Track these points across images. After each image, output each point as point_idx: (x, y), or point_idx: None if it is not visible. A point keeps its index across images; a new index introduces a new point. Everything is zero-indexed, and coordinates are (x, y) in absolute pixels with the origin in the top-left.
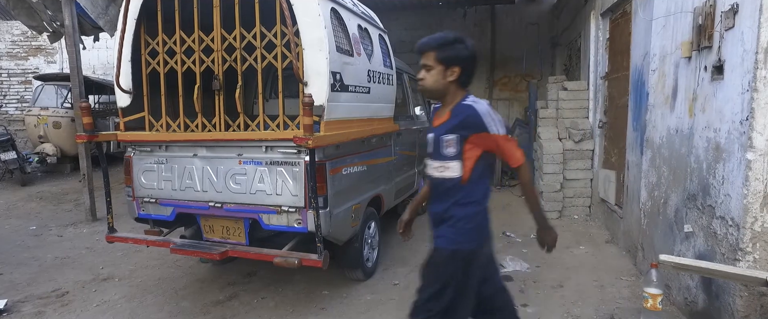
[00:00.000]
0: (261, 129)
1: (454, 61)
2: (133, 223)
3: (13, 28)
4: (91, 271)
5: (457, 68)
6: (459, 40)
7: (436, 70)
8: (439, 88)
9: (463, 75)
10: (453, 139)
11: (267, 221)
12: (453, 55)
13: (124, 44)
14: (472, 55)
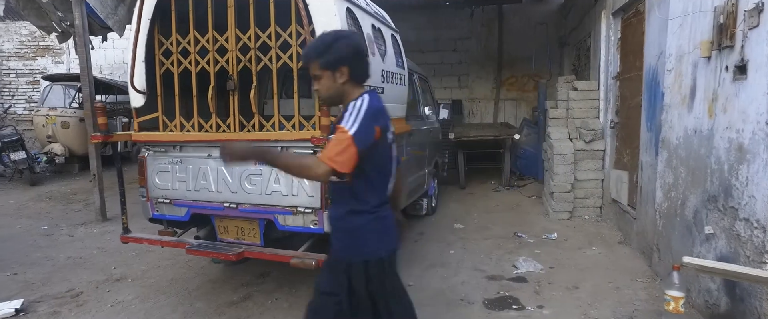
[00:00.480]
0: (276, 129)
1: (338, 62)
2: (146, 223)
3: (21, 28)
4: (103, 271)
5: (344, 68)
6: (338, 39)
7: (325, 76)
8: (335, 94)
9: (354, 72)
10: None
11: (283, 221)
12: (336, 57)
13: (138, 44)
14: (356, 50)
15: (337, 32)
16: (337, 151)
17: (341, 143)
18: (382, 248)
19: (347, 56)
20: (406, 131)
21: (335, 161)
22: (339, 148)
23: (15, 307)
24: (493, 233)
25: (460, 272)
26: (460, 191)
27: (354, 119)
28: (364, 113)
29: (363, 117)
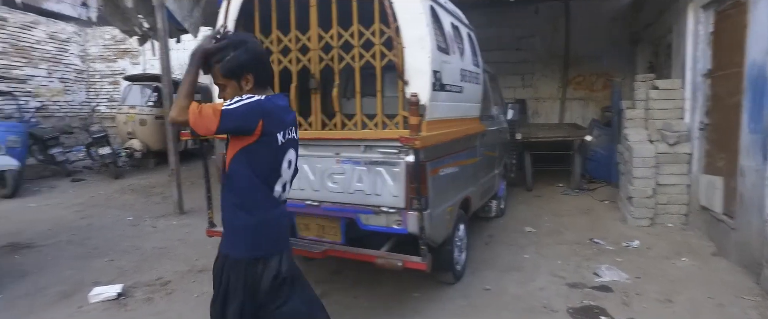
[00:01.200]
0: (358, 128)
1: (242, 70)
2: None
3: (104, 33)
4: (186, 262)
5: (249, 76)
6: (233, 47)
7: (230, 86)
8: (228, 92)
9: (259, 78)
10: None
11: (365, 221)
12: (237, 66)
13: None
14: (256, 55)
15: (233, 39)
16: (199, 112)
17: (209, 109)
18: (257, 249)
19: (249, 63)
20: (480, 132)
21: (193, 116)
22: (203, 111)
23: (117, 291)
24: (567, 238)
25: (537, 277)
26: (526, 194)
27: (235, 102)
28: (245, 103)
29: (242, 106)
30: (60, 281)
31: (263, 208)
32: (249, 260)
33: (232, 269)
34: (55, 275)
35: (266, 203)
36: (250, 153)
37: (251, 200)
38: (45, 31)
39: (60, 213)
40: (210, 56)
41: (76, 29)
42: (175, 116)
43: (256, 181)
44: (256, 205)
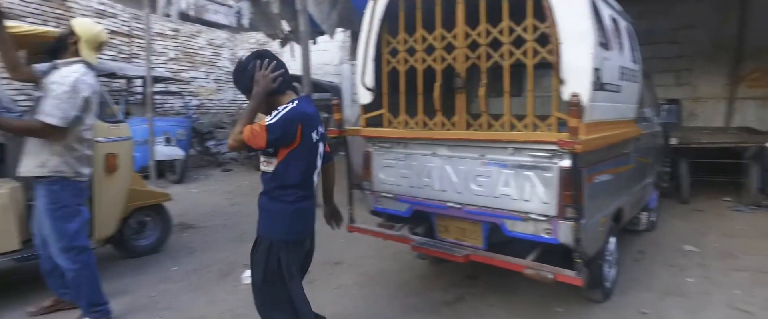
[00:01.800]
0: (506, 129)
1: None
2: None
3: (250, 38)
4: (323, 252)
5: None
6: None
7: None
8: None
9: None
10: None
11: (511, 227)
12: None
13: (369, 44)
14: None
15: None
16: (251, 131)
17: (256, 127)
18: (304, 231)
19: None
20: (635, 136)
21: (247, 135)
22: (253, 129)
23: None
24: (746, 264)
25: (709, 307)
26: (681, 207)
27: (274, 116)
28: (284, 114)
29: (282, 117)
30: (219, 260)
31: (308, 197)
32: (301, 241)
33: (284, 251)
34: (214, 254)
35: (308, 192)
36: (295, 154)
37: (299, 191)
38: (205, 38)
39: (215, 199)
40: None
41: (228, 36)
42: (232, 143)
43: (301, 176)
44: (303, 195)
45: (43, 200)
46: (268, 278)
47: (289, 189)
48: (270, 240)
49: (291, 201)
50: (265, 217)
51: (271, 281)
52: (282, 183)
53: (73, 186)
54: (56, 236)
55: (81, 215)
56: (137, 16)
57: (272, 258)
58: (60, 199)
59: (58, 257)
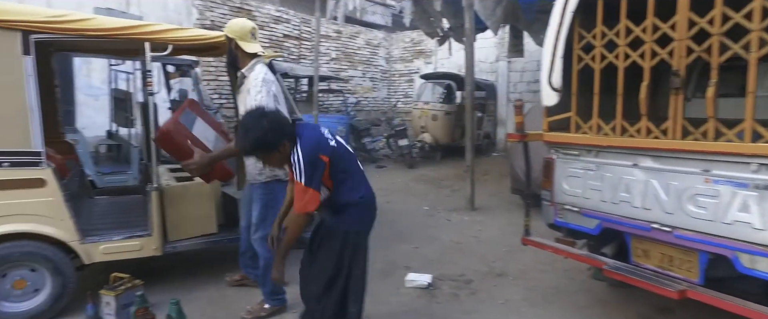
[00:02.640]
0: (747, 139)
1: (273, 145)
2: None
3: (405, 37)
4: (483, 262)
5: (282, 146)
6: (258, 128)
7: (271, 156)
8: (285, 162)
9: (291, 140)
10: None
11: (748, 263)
12: (267, 143)
13: (560, 39)
14: (276, 131)
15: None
16: (302, 203)
17: (300, 192)
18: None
19: (275, 138)
20: None
21: (305, 208)
22: (302, 199)
23: (427, 281)
24: None
25: None
26: None
27: (300, 168)
28: (303, 158)
29: (304, 162)
30: (379, 259)
31: (368, 190)
32: (368, 231)
33: (358, 240)
34: (374, 252)
35: (367, 186)
36: (334, 171)
37: (359, 190)
38: (363, 38)
39: None
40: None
41: (384, 35)
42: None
43: (354, 178)
44: (364, 191)
45: (260, 194)
46: (337, 268)
47: (353, 193)
48: (345, 231)
49: (356, 201)
50: (337, 218)
51: (336, 271)
52: (342, 199)
53: (284, 185)
54: (262, 225)
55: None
56: (306, 20)
57: (347, 249)
58: (275, 196)
59: (257, 243)
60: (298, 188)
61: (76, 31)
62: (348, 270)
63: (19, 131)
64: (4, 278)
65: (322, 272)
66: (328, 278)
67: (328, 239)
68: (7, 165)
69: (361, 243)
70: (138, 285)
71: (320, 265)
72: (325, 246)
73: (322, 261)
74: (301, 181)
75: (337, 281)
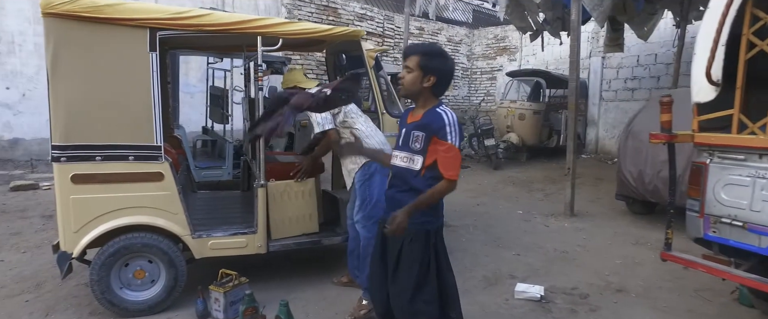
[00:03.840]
0: None
1: (432, 71)
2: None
3: (488, 33)
4: (596, 275)
5: (433, 78)
6: (442, 55)
7: (415, 73)
8: (415, 91)
9: (437, 85)
10: (421, 136)
11: None
12: (433, 66)
13: (724, 24)
14: (450, 71)
15: (445, 52)
16: (455, 166)
17: (455, 159)
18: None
19: (441, 70)
20: None
21: (456, 175)
22: (456, 163)
23: (539, 293)
24: None
25: None
26: None
27: (455, 133)
28: (458, 127)
29: (458, 129)
30: (480, 265)
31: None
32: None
33: (439, 239)
34: (474, 258)
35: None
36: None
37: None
38: (445, 35)
39: (459, 197)
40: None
41: (466, 32)
42: (454, 188)
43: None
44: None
45: (358, 178)
46: (425, 271)
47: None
48: (426, 231)
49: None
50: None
51: (426, 273)
52: (433, 178)
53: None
54: (362, 206)
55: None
56: (389, 17)
57: (430, 249)
58: (372, 175)
59: (359, 224)
60: (452, 152)
61: (197, 26)
62: (437, 273)
63: (143, 126)
64: (127, 267)
65: (409, 282)
66: (418, 285)
67: (409, 243)
68: (132, 158)
69: (441, 242)
70: (244, 283)
71: (405, 275)
72: (405, 252)
73: (406, 269)
74: (456, 144)
75: (429, 289)
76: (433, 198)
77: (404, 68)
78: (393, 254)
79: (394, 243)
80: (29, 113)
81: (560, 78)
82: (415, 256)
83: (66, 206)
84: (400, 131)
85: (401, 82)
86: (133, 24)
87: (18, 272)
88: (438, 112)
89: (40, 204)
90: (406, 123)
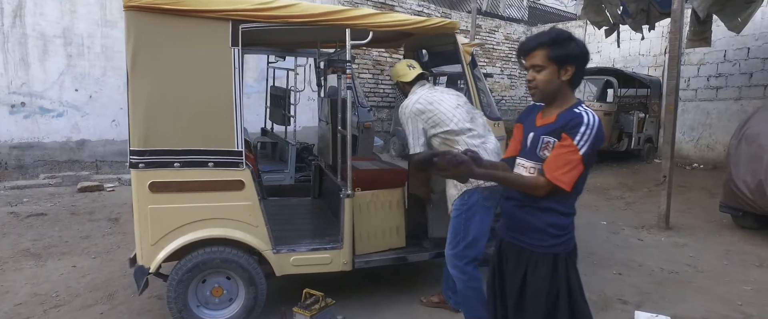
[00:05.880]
0: None
1: (569, 59)
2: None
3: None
4: (727, 304)
5: (571, 67)
6: (571, 36)
7: (549, 69)
8: (553, 90)
9: (576, 75)
10: (552, 142)
11: None
12: (568, 54)
13: None
14: (587, 53)
15: (568, 32)
16: (565, 171)
17: (571, 163)
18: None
19: (577, 56)
20: None
21: (562, 181)
22: (568, 168)
23: None
24: None
25: None
26: None
27: (587, 138)
28: (596, 133)
29: (594, 137)
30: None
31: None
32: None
33: (572, 260)
34: None
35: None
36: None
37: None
38: (502, 33)
39: None
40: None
41: (524, 29)
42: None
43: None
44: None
45: (456, 205)
46: (553, 304)
47: (573, 197)
48: (553, 255)
49: (573, 211)
50: (539, 231)
51: (554, 308)
52: (567, 208)
53: (481, 193)
54: (454, 241)
55: (483, 221)
56: (446, 14)
57: (559, 278)
58: (471, 207)
59: (449, 262)
60: (572, 154)
61: (283, 18)
62: (569, 307)
63: (224, 130)
64: (204, 284)
65: (536, 314)
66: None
67: (534, 270)
68: (211, 165)
69: (574, 269)
70: (331, 305)
71: (531, 310)
72: (530, 281)
73: (531, 303)
74: (580, 149)
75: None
76: (512, 182)
77: (530, 69)
78: (513, 284)
79: (515, 271)
80: (95, 115)
81: (632, 76)
82: (540, 285)
83: (144, 216)
84: (525, 135)
85: (531, 85)
86: (214, 16)
87: (90, 280)
88: (576, 111)
89: (105, 206)
90: (535, 126)
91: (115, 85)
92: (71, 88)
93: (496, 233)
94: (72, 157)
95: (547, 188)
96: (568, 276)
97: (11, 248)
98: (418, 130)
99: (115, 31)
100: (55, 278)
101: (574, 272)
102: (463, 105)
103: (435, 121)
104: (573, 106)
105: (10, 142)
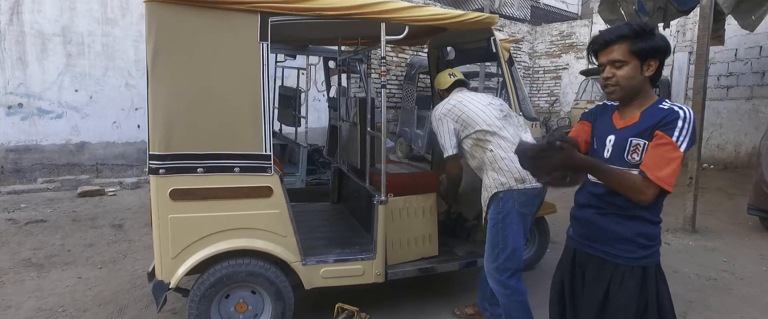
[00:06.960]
0: None
1: (652, 53)
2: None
3: (552, 30)
4: None
5: (654, 62)
6: (652, 28)
7: (631, 64)
8: (635, 87)
9: (657, 71)
10: (642, 145)
11: None
12: (652, 46)
13: None
14: (669, 47)
15: (652, 23)
16: (669, 172)
17: (674, 162)
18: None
19: (661, 49)
20: None
21: (667, 182)
22: (672, 168)
23: None
24: None
25: None
26: None
27: (685, 134)
28: (693, 127)
29: (693, 132)
30: None
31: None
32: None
33: (661, 273)
34: None
35: None
36: None
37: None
38: (507, 32)
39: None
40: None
41: (528, 28)
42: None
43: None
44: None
45: (491, 213)
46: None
47: (661, 202)
48: (642, 267)
49: (661, 219)
50: (628, 242)
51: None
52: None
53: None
54: (493, 253)
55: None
56: None
57: (648, 293)
58: (507, 211)
59: (490, 277)
60: (671, 153)
61: (315, 11)
62: None
63: (251, 132)
64: (228, 299)
65: None
66: None
67: (620, 284)
68: (237, 170)
69: (663, 282)
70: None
71: None
72: (614, 297)
73: (617, 316)
74: (681, 146)
75: None
76: (614, 179)
77: (608, 66)
78: (593, 298)
79: (594, 284)
80: (95, 116)
81: None
82: (628, 301)
83: (164, 227)
84: (598, 137)
85: (610, 82)
86: (242, 8)
87: (98, 292)
88: (665, 107)
89: (108, 212)
90: (615, 128)
91: (116, 85)
92: (71, 89)
93: (567, 242)
94: (71, 161)
95: (654, 192)
96: (658, 291)
97: (11, 258)
98: (450, 130)
99: (116, 30)
100: (60, 290)
101: (664, 286)
102: (496, 104)
103: (465, 121)
104: (657, 103)
105: (6, 144)
